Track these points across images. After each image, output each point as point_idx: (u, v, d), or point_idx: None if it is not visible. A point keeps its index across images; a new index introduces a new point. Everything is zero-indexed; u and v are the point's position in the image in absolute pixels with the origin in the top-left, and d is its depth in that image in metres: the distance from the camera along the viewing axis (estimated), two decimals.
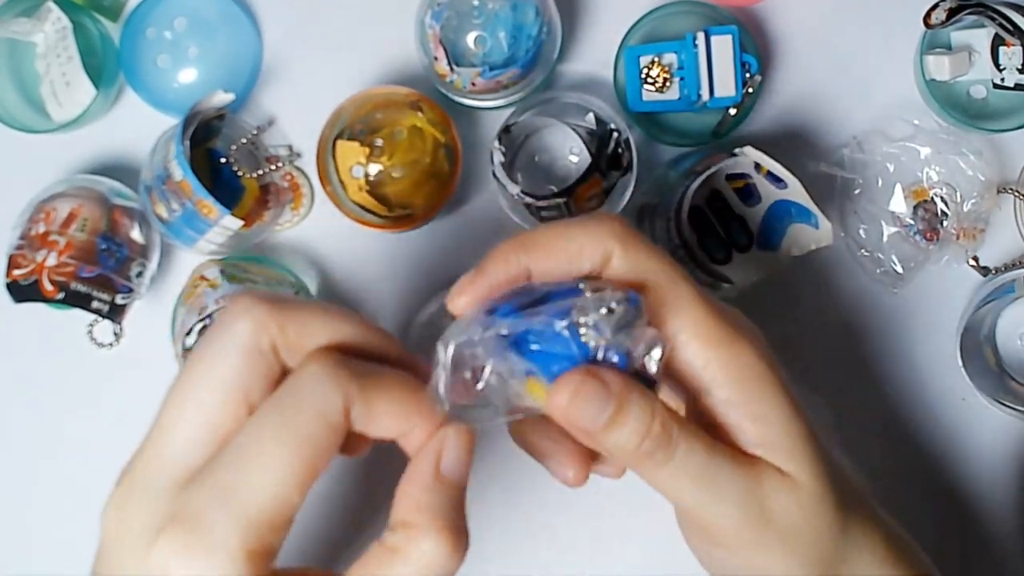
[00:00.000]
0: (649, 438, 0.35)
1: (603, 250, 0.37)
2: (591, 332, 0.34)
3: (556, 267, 0.37)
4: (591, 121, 0.60)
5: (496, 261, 0.37)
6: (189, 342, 0.56)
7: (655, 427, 0.35)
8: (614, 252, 0.37)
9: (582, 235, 0.37)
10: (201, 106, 0.58)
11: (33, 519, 0.65)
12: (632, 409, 0.35)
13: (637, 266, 0.37)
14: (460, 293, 0.37)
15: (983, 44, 0.60)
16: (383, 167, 0.60)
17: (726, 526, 0.37)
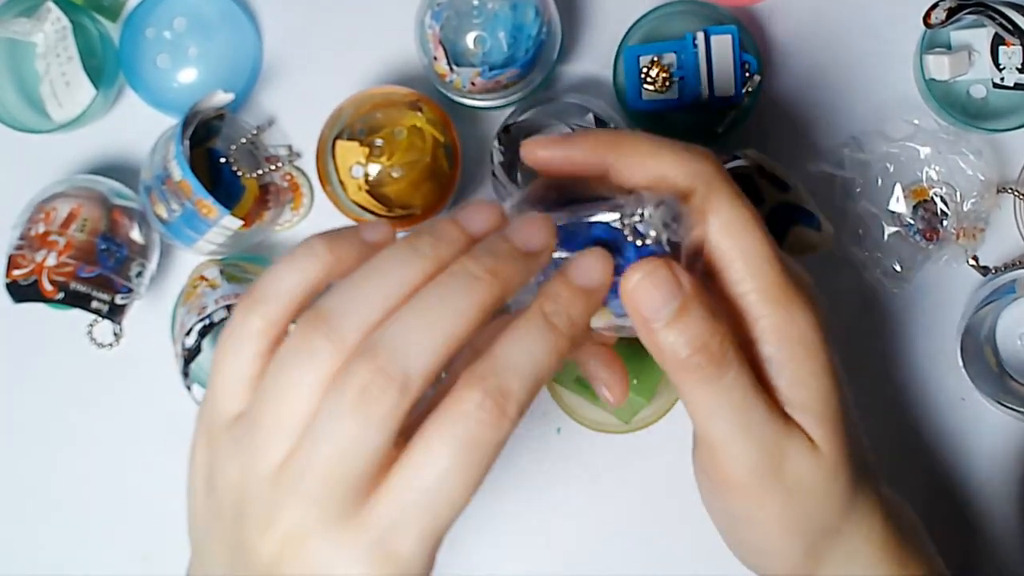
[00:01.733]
0: (704, 351, 0.34)
1: (686, 186, 0.36)
2: (641, 228, 0.34)
3: (634, 180, 0.37)
4: (591, 121, 0.60)
5: (586, 145, 0.37)
6: (189, 342, 0.56)
7: (714, 342, 0.35)
8: (696, 192, 0.36)
9: (673, 163, 0.36)
10: (201, 106, 0.58)
11: (33, 519, 0.65)
12: (696, 314, 0.34)
13: (714, 212, 0.36)
14: (542, 147, 0.37)
15: (983, 44, 0.60)
16: (383, 167, 0.60)
17: (742, 468, 0.36)
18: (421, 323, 0.31)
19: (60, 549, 0.65)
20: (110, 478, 0.65)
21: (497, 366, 0.31)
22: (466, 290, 0.31)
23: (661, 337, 0.34)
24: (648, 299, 0.34)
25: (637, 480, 0.62)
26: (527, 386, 0.31)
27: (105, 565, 0.65)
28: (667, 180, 0.36)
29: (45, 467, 0.65)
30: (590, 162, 0.37)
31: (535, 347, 0.32)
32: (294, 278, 0.33)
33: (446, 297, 0.31)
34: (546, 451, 0.63)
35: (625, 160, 0.36)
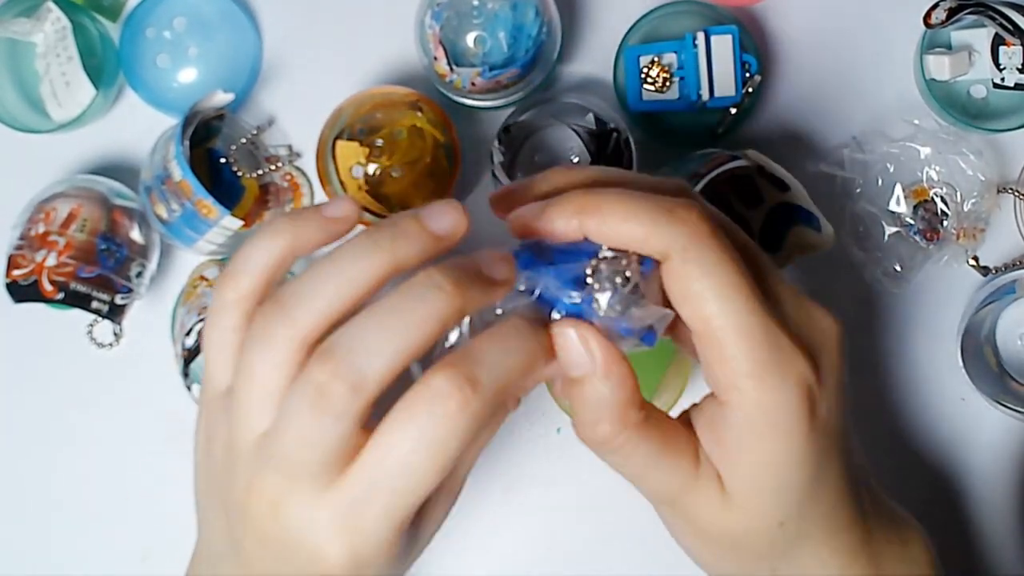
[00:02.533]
0: (592, 432, 0.36)
1: (661, 252, 0.35)
2: (602, 300, 0.35)
3: (609, 241, 0.36)
4: (591, 121, 0.60)
5: (561, 213, 0.36)
6: (189, 342, 0.56)
7: (600, 429, 0.36)
8: (671, 259, 0.35)
9: (648, 226, 0.35)
10: (201, 106, 0.58)
11: (33, 518, 0.65)
12: (592, 394, 0.36)
13: (689, 280, 0.35)
14: (520, 217, 0.37)
15: (983, 44, 0.60)
16: (383, 167, 0.60)
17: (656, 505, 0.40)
18: (379, 328, 0.32)
19: (60, 549, 0.65)
20: (110, 478, 0.65)
21: (470, 357, 0.33)
22: (428, 300, 0.32)
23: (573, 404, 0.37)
24: (562, 357, 0.35)
25: None
26: (495, 379, 0.33)
27: (105, 565, 0.65)
28: (647, 244, 0.35)
29: (45, 467, 0.65)
30: (568, 234, 0.36)
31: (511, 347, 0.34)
32: (260, 255, 0.36)
33: (407, 304, 0.32)
34: (546, 451, 0.63)
35: (600, 227, 0.36)
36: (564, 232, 0.36)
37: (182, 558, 0.65)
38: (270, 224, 0.36)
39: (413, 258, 0.34)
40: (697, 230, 0.35)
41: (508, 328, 0.34)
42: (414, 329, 0.32)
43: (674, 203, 0.35)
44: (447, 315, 0.32)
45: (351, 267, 0.33)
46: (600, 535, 0.63)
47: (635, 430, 0.36)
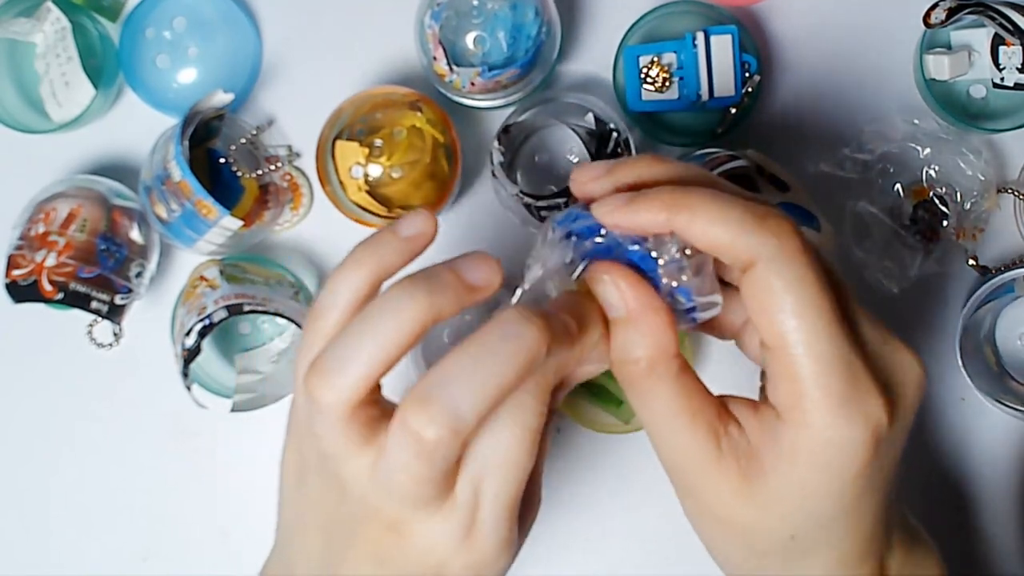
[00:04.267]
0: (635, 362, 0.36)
1: (746, 261, 0.34)
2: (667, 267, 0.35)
3: (697, 242, 0.35)
4: (590, 121, 0.60)
5: (649, 208, 0.35)
6: (189, 342, 0.56)
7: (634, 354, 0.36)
8: (755, 268, 0.34)
9: (736, 232, 0.34)
10: (200, 106, 0.58)
11: (33, 518, 0.65)
12: (626, 333, 0.36)
13: (771, 295, 0.34)
14: (609, 210, 0.36)
15: (983, 44, 0.60)
16: (382, 167, 0.60)
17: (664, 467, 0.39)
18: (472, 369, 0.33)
19: (60, 549, 0.65)
20: (110, 478, 0.65)
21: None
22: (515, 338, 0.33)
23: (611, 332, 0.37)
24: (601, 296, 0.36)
25: (637, 480, 0.62)
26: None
27: (105, 565, 0.65)
28: (734, 250, 0.34)
29: (45, 467, 0.65)
30: (656, 226, 0.35)
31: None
32: (345, 288, 0.36)
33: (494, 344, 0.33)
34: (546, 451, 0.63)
35: (688, 225, 0.35)
36: (649, 226, 0.35)
37: (182, 559, 0.65)
38: (352, 256, 0.37)
39: (449, 311, 0.34)
40: (788, 243, 0.34)
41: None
42: (504, 367, 0.33)
43: (766, 211, 0.35)
44: (535, 351, 0.33)
45: (390, 324, 0.33)
46: (600, 535, 0.63)
47: (662, 377, 0.36)
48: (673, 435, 0.37)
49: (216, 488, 0.64)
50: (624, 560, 0.62)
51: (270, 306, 0.57)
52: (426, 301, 0.33)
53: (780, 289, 0.34)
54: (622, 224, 0.36)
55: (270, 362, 0.63)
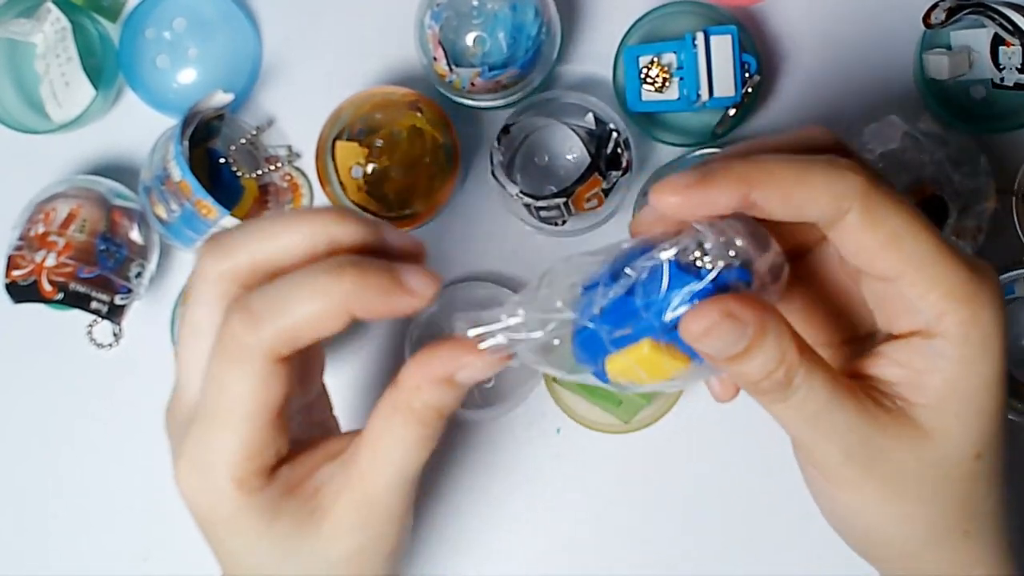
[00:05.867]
0: (769, 379, 0.34)
1: (838, 207, 0.34)
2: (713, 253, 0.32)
3: (779, 211, 0.34)
4: (590, 121, 0.60)
5: (726, 183, 0.33)
6: None
7: (778, 372, 0.34)
8: (852, 209, 0.34)
9: (822, 185, 0.33)
10: (200, 106, 0.58)
11: (33, 519, 0.65)
12: (761, 350, 0.33)
13: (873, 227, 0.34)
14: (673, 193, 0.33)
15: (983, 44, 0.60)
16: (382, 167, 0.60)
17: (829, 463, 0.36)
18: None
19: (60, 549, 0.65)
20: (110, 478, 0.65)
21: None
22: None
23: (728, 368, 0.34)
24: (712, 348, 0.33)
25: (637, 480, 0.62)
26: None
27: (105, 565, 0.65)
28: (818, 203, 0.34)
29: (45, 467, 0.65)
30: (733, 206, 0.33)
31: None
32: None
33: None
34: (546, 451, 0.63)
35: (768, 191, 0.33)
36: (726, 205, 0.33)
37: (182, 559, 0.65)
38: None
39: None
40: (867, 178, 0.34)
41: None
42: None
43: (829, 159, 0.34)
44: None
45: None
46: (600, 535, 0.63)
47: (810, 363, 0.35)
48: (839, 419, 0.35)
49: None
50: (624, 560, 0.62)
51: None
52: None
53: (884, 218, 0.34)
54: (692, 204, 0.33)
55: None
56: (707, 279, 0.32)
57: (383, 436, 0.36)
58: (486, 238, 0.63)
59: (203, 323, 0.37)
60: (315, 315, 0.34)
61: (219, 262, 0.36)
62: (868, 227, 0.34)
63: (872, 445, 0.36)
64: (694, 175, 0.33)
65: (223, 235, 0.37)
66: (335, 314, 0.34)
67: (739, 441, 0.62)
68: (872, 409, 0.36)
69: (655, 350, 0.33)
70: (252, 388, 0.35)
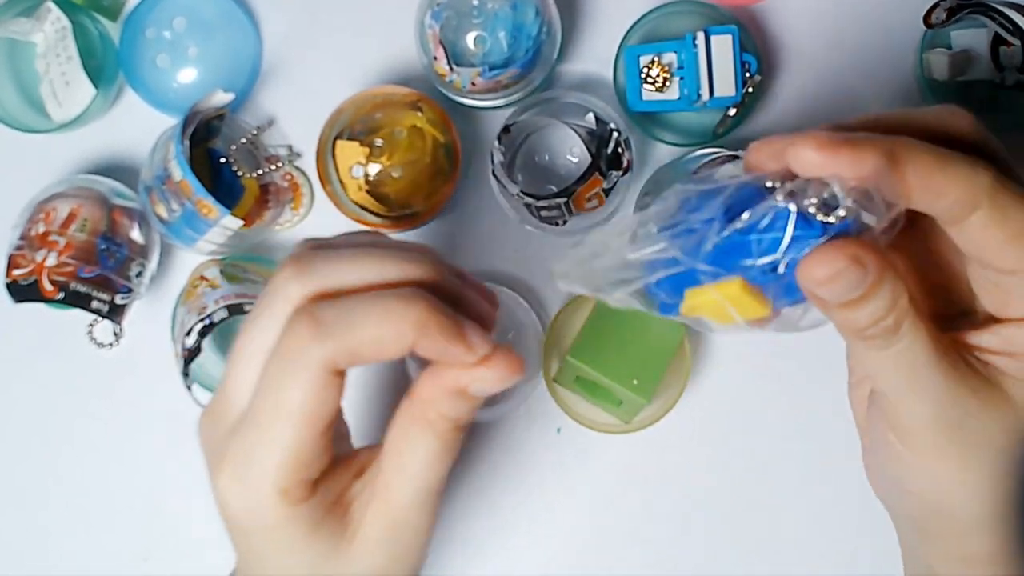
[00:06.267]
0: (878, 326, 0.34)
1: (968, 203, 0.33)
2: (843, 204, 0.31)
3: (914, 193, 0.33)
4: (591, 121, 0.60)
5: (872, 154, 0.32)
6: (189, 342, 0.56)
7: (888, 320, 0.34)
8: (981, 206, 0.33)
9: (957, 178, 0.33)
10: (201, 106, 0.58)
11: (33, 518, 0.65)
12: (876, 297, 0.33)
13: (1005, 222, 0.34)
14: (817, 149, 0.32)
15: (983, 44, 0.60)
16: (383, 167, 0.60)
17: (915, 423, 0.36)
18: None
19: (60, 549, 0.65)
20: (110, 478, 0.65)
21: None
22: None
23: (836, 313, 0.34)
24: (831, 293, 0.33)
25: (637, 480, 0.62)
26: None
27: (105, 565, 0.65)
28: (949, 197, 0.33)
29: (45, 467, 0.65)
30: (870, 174, 0.32)
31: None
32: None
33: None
34: (546, 451, 0.63)
35: (908, 175, 0.33)
36: (869, 173, 0.32)
37: (182, 559, 0.65)
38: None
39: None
40: (994, 174, 0.34)
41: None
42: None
43: (963, 157, 0.34)
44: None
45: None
46: (600, 535, 0.63)
47: (916, 314, 0.34)
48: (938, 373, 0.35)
49: None
50: (624, 560, 0.62)
51: None
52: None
53: (1015, 216, 0.34)
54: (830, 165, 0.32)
55: None
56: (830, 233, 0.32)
57: (403, 448, 0.37)
58: (486, 238, 0.63)
59: (269, 337, 0.36)
60: (380, 337, 0.34)
61: (305, 286, 0.36)
62: (996, 224, 0.34)
63: (962, 409, 0.36)
64: (839, 138, 0.32)
65: (311, 257, 0.37)
66: (398, 340, 0.34)
67: (739, 441, 0.62)
68: (967, 373, 0.36)
69: (744, 290, 0.32)
70: (309, 397, 0.35)
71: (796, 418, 0.62)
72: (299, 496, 0.36)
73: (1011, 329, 0.36)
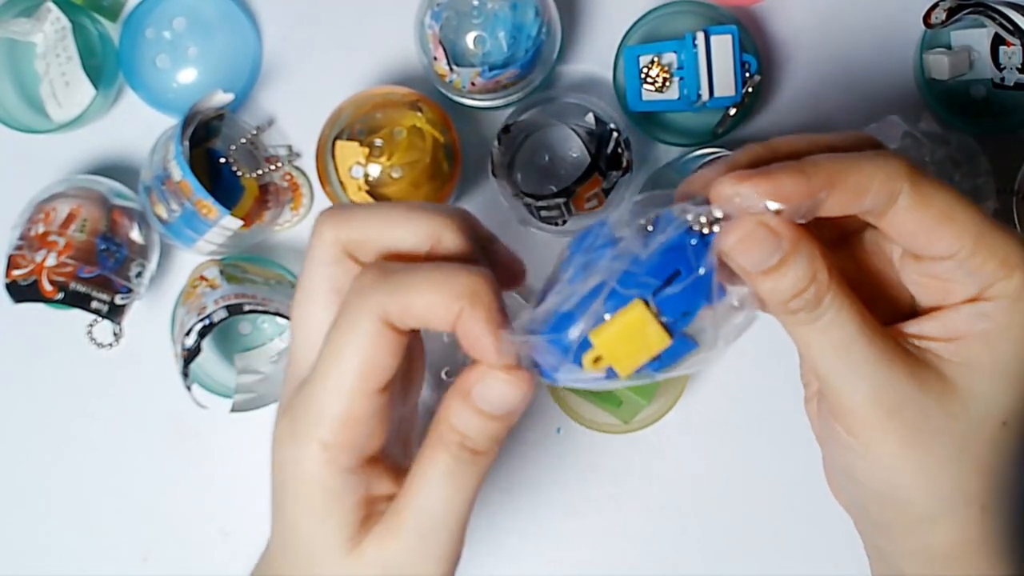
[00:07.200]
0: (799, 298, 0.35)
1: (891, 190, 0.35)
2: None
3: (839, 203, 0.35)
4: (591, 121, 0.60)
5: (791, 177, 0.34)
6: (189, 342, 0.56)
7: (810, 291, 0.35)
8: (903, 191, 0.35)
9: (872, 171, 0.35)
10: (200, 106, 0.58)
11: (33, 518, 0.65)
12: (794, 264, 0.35)
13: (929, 204, 0.35)
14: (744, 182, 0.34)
15: (983, 44, 0.60)
16: (383, 167, 0.60)
17: (854, 405, 0.37)
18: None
19: (60, 549, 0.65)
20: (110, 478, 0.65)
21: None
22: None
23: (759, 284, 0.35)
24: (746, 258, 0.34)
25: (637, 480, 0.62)
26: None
27: (105, 565, 0.65)
28: (873, 188, 0.35)
29: (45, 467, 0.65)
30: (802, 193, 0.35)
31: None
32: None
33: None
34: (546, 451, 0.63)
35: (842, 191, 0.35)
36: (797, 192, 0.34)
37: (182, 559, 0.65)
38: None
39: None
40: (908, 161, 0.36)
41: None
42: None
43: (872, 153, 0.36)
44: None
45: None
46: (600, 535, 0.63)
47: (839, 289, 0.35)
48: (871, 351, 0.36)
49: (216, 488, 0.64)
50: (624, 560, 0.62)
51: (270, 306, 0.57)
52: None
53: (934, 198, 0.35)
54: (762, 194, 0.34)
55: (270, 362, 0.63)
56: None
57: (417, 468, 0.37)
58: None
59: (316, 282, 0.38)
60: (433, 301, 0.35)
61: (338, 229, 0.38)
62: (921, 206, 0.35)
63: (899, 389, 0.36)
64: (754, 171, 0.35)
65: (343, 207, 0.39)
66: (447, 306, 0.35)
67: (739, 441, 0.62)
68: (903, 356, 0.36)
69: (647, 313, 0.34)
70: (363, 345, 0.35)
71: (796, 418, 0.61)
72: (340, 459, 0.36)
73: (948, 313, 0.37)
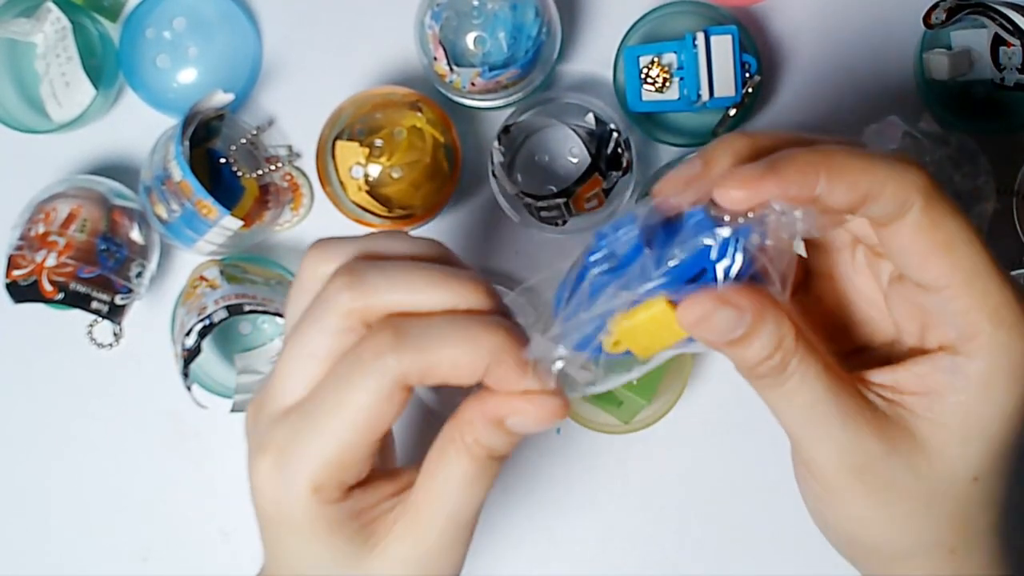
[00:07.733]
0: (765, 364, 0.34)
1: (903, 201, 0.33)
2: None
3: (846, 200, 0.33)
4: (591, 121, 0.60)
5: (796, 170, 0.32)
6: (189, 342, 0.56)
7: (775, 358, 0.34)
8: (915, 206, 0.33)
9: (887, 177, 0.33)
10: (200, 106, 0.58)
11: (33, 518, 0.65)
12: (759, 336, 0.33)
13: (936, 227, 0.33)
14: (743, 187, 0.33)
15: (983, 44, 0.60)
16: (383, 167, 0.60)
17: (821, 465, 0.36)
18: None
19: (60, 549, 0.65)
20: (110, 478, 0.65)
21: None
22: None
23: (728, 353, 0.34)
24: (708, 333, 0.33)
25: (637, 480, 0.62)
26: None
27: (105, 565, 0.65)
28: (884, 194, 0.33)
29: (45, 467, 0.65)
30: (805, 193, 0.33)
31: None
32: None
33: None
34: (546, 451, 0.63)
35: (837, 179, 0.33)
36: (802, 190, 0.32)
37: (182, 558, 0.65)
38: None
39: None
40: (929, 177, 0.33)
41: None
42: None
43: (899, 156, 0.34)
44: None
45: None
46: (600, 535, 0.63)
47: (806, 352, 0.34)
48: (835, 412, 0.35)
49: (216, 488, 0.64)
50: (624, 560, 0.62)
51: (270, 306, 0.57)
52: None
53: (943, 221, 0.33)
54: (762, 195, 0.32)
55: (270, 362, 0.63)
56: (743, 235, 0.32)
57: (436, 470, 0.37)
58: (486, 238, 0.63)
59: (320, 349, 0.36)
60: (457, 360, 0.34)
61: (355, 299, 0.36)
62: (927, 228, 0.33)
63: (866, 449, 0.35)
64: (760, 168, 0.33)
65: (363, 269, 0.36)
66: (473, 365, 0.34)
67: (739, 441, 0.62)
68: (870, 412, 0.35)
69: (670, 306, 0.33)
70: (373, 403, 0.35)
71: None
72: (330, 497, 0.36)
73: (923, 364, 0.36)
